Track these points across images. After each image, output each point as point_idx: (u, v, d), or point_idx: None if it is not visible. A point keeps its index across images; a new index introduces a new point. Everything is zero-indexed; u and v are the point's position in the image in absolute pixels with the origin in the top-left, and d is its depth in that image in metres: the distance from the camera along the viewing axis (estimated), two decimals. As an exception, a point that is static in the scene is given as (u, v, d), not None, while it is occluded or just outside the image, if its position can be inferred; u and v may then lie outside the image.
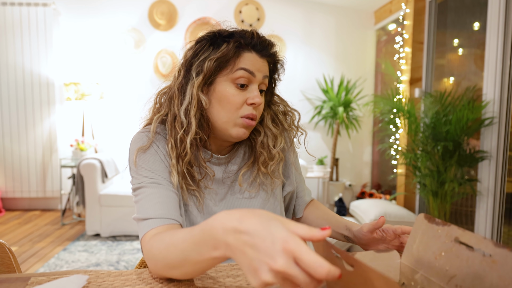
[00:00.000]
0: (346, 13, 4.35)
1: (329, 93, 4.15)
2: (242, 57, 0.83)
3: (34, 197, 4.06)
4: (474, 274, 0.50)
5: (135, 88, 4.11)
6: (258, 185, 0.93)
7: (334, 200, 4.07)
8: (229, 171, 0.93)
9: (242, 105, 0.83)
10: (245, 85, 0.84)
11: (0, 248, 0.85)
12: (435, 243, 0.58)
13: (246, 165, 0.93)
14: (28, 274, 0.68)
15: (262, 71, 0.85)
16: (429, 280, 0.58)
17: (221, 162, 0.93)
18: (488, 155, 2.56)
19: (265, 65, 0.86)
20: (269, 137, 0.92)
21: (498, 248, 0.48)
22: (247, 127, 0.85)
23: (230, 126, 0.84)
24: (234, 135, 0.84)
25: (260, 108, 0.87)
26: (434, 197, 2.75)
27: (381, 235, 0.84)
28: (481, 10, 2.75)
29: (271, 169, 0.92)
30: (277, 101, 0.98)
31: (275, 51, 0.90)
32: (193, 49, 0.86)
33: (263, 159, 0.91)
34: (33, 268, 2.57)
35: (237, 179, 0.92)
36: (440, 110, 2.72)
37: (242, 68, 0.82)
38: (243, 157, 0.96)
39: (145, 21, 4.06)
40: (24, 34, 3.86)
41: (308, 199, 1.07)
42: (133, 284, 0.64)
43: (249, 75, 0.83)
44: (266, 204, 0.94)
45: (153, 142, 0.85)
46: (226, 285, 0.64)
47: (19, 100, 3.92)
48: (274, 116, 0.95)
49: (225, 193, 0.92)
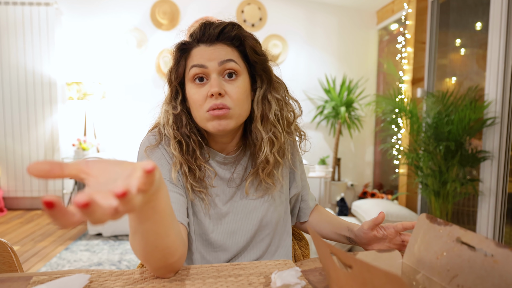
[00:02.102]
0: (348, 13, 4.35)
1: (331, 93, 4.15)
2: (191, 55, 0.85)
3: (36, 196, 4.08)
4: (476, 274, 0.50)
5: (137, 88, 4.12)
6: (264, 189, 0.93)
7: (336, 200, 4.08)
8: (237, 173, 0.93)
9: (206, 99, 0.82)
10: (205, 79, 0.83)
11: (2, 247, 0.85)
12: (437, 243, 0.58)
13: (251, 174, 0.91)
14: (30, 273, 0.68)
15: (214, 58, 0.82)
16: (431, 280, 0.58)
17: (228, 161, 0.92)
18: (490, 155, 2.56)
19: (218, 50, 0.83)
20: (263, 140, 0.88)
21: (499, 248, 0.48)
22: (218, 118, 0.81)
23: (205, 123, 0.83)
24: (211, 130, 0.83)
25: (232, 95, 0.82)
26: (436, 197, 2.75)
27: (382, 233, 0.84)
28: (483, 10, 2.75)
29: (266, 172, 0.90)
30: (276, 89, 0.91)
31: (225, 31, 0.84)
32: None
33: (260, 164, 0.89)
34: (35, 267, 2.57)
35: (244, 183, 0.92)
36: (442, 110, 2.72)
37: (193, 66, 0.83)
38: (249, 160, 0.95)
39: (147, 20, 4.07)
40: (27, 34, 3.88)
41: (313, 204, 1.07)
42: (135, 284, 0.64)
43: (201, 69, 0.82)
44: (272, 206, 0.94)
45: (160, 144, 0.87)
46: (227, 284, 0.64)
47: (21, 100, 3.93)
48: (265, 115, 0.89)
49: (233, 194, 0.92)
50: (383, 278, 0.40)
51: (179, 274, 0.68)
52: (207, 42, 0.84)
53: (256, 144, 0.89)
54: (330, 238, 0.98)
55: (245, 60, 0.88)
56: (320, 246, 0.54)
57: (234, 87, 0.82)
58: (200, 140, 0.88)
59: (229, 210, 0.91)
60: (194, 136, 0.87)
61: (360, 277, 0.44)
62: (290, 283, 0.59)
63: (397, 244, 0.84)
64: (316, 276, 0.69)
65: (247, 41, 0.85)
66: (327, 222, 1.01)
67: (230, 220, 0.90)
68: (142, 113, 4.12)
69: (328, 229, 0.99)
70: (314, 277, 0.68)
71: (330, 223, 1.00)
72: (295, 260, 1.09)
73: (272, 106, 0.88)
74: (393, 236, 0.84)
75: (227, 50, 0.84)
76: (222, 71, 0.82)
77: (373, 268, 0.41)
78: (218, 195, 0.90)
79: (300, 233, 1.17)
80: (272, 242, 0.95)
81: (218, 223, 0.90)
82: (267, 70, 0.89)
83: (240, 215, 0.91)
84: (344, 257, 0.47)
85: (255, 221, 0.92)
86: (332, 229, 0.98)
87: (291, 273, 0.61)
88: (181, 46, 0.87)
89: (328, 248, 0.51)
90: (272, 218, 0.93)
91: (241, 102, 0.83)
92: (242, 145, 0.95)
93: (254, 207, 0.92)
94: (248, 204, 0.92)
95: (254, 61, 0.87)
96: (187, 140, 0.86)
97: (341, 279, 0.50)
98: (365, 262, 0.42)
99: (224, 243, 0.90)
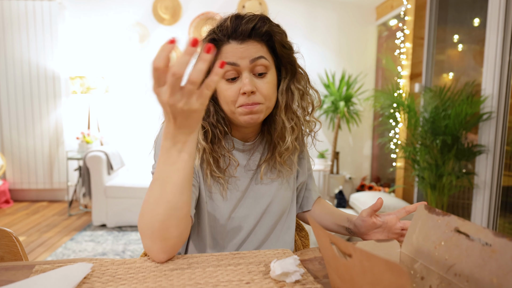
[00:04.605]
0: (348, 9, 4.38)
1: (331, 88, 4.20)
2: (222, 51, 0.84)
3: (42, 188, 4.14)
4: (474, 263, 0.51)
5: (140, 82, 4.16)
6: (278, 172, 0.96)
7: (334, 192, 4.13)
8: (253, 159, 0.96)
9: (238, 96, 0.83)
10: (236, 77, 0.84)
11: (8, 237, 0.86)
12: (435, 233, 0.59)
13: (266, 160, 0.94)
14: (33, 262, 0.69)
15: (246, 56, 0.82)
16: (429, 269, 0.58)
17: (246, 148, 0.95)
18: (486, 149, 2.59)
19: (249, 48, 0.83)
20: (285, 128, 0.91)
21: (497, 237, 0.48)
22: (250, 113, 0.83)
23: (237, 116, 0.85)
24: (243, 123, 0.86)
25: (263, 92, 0.84)
26: (432, 190, 2.79)
27: (382, 221, 0.86)
28: (481, 6, 2.78)
29: (284, 158, 0.94)
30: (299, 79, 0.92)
31: (256, 27, 0.83)
32: None
33: (279, 149, 0.92)
34: (41, 257, 2.63)
35: (259, 170, 0.95)
36: (440, 105, 2.74)
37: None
38: (265, 146, 0.98)
39: (150, 15, 4.10)
40: (30, 28, 3.91)
41: (316, 195, 1.10)
42: (137, 272, 0.64)
43: (233, 67, 0.82)
44: (280, 190, 0.97)
45: None
46: (227, 273, 0.65)
47: (25, 94, 3.98)
48: (288, 104, 0.91)
49: (250, 180, 0.95)
50: (382, 266, 0.41)
51: (179, 263, 0.69)
52: (238, 39, 0.83)
53: (277, 131, 0.92)
54: (330, 229, 1.01)
55: (273, 53, 0.89)
56: (320, 235, 0.54)
57: (264, 83, 0.84)
58: (225, 130, 0.91)
59: (244, 195, 0.94)
60: (221, 126, 0.90)
61: (360, 265, 0.45)
62: (289, 271, 0.60)
63: (396, 233, 0.85)
64: (315, 265, 0.70)
65: (276, 36, 0.86)
66: (328, 213, 1.03)
67: (245, 204, 0.94)
68: (144, 107, 4.16)
69: (329, 220, 1.01)
70: (314, 266, 0.70)
71: (330, 214, 1.02)
72: (295, 250, 1.11)
73: (295, 96, 0.91)
74: (393, 223, 0.85)
75: (257, 47, 0.84)
76: (253, 68, 0.84)
77: (373, 256, 0.42)
78: (236, 182, 0.93)
79: (300, 224, 1.19)
80: (276, 228, 0.98)
81: (234, 209, 0.93)
82: (292, 62, 0.91)
83: (253, 199, 0.94)
84: (344, 246, 0.47)
85: (265, 205, 0.95)
86: (332, 220, 1.00)
87: (290, 261, 0.62)
88: (212, 42, 0.85)
89: (328, 237, 0.51)
90: (280, 203, 0.97)
91: (270, 96, 0.86)
92: (261, 132, 0.98)
93: (265, 191, 0.95)
94: (261, 188, 0.95)
95: (282, 55, 0.89)
96: (213, 129, 0.89)
97: (341, 268, 0.51)
98: (365, 251, 0.43)
99: (239, 227, 0.93)
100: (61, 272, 0.61)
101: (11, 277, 0.64)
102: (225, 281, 0.62)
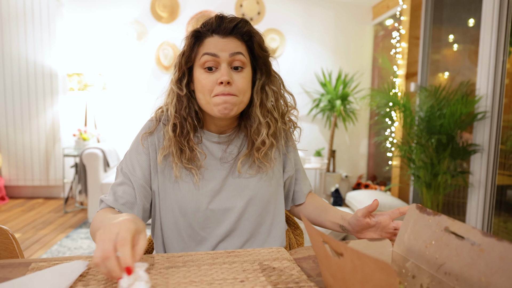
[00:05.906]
0: (345, 8, 4.39)
1: (327, 87, 4.21)
2: (205, 43, 0.91)
3: (38, 185, 4.13)
4: (463, 262, 0.52)
5: (137, 80, 4.16)
6: (257, 167, 0.99)
7: (330, 190, 4.15)
8: (230, 152, 0.99)
9: (214, 86, 0.89)
10: (214, 68, 0.90)
11: (3, 234, 0.87)
12: (426, 232, 0.60)
13: (243, 154, 0.98)
14: (29, 260, 0.70)
15: (226, 49, 0.89)
16: (420, 268, 0.59)
17: (222, 141, 0.99)
18: (480, 148, 2.60)
19: (230, 43, 0.91)
20: (260, 124, 0.96)
21: (486, 237, 0.50)
22: (225, 103, 0.89)
23: (211, 107, 0.90)
24: (217, 113, 0.90)
25: (238, 85, 0.90)
26: (428, 188, 2.81)
27: (375, 221, 0.87)
28: (476, 7, 2.80)
29: (262, 154, 0.97)
30: (273, 82, 0.99)
31: (238, 26, 0.92)
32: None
33: (257, 145, 0.96)
34: (36, 255, 2.62)
35: (237, 163, 0.98)
36: (435, 104, 2.76)
37: (205, 53, 0.90)
38: (243, 141, 1.01)
39: (148, 13, 4.09)
40: (28, 25, 3.90)
41: (308, 188, 1.11)
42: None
43: (213, 57, 0.89)
44: (262, 185, 0.99)
45: (156, 130, 0.98)
46: (222, 271, 0.66)
47: (22, 90, 3.97)
48: (263, 103, 0.97)
49: (227, 173, 0.97)
50: (372, 265, 0.42)
51: (174, 261, 0.69)
52: (221, 34, 0.91)
53: (253, 127, 0.97)
54: (324, 226, 1.02)
55: (250, 53, 0.96)
56: (312, 234, 0.56)
57: (241, 77, 0.91)
58: (195, 124, 0.96)
59: (222, 187, 0.96)
60: (191, 119, 0.95)
61: (351, 264, 0.46)
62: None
63: (388, 232, 0.87)
64: (309, 264, 0.71)
65: (255, 37, 0.94)
66: (322, 210, 1.03)
67: (224, 197, 0.96)
68: (141, 104, 4.16)
69: (323, 217, 1.02)
70: (308, 265, 0.71)
71: (324, 211, 1.02)
72: (290, 248, 1.12)
73: (269, 96, 0.98)
74: (386, 223, 0.87)
75: (238, 44, 0.92)
76: (231, 62, 0.90)
77: (363, 255, 0.43)
78: (210, 173, 0.96)
79: (295, 222, 1.20)
80: (265, 222, 0.99)
81: (212, 200, 0.95)
82: (267, 64, 0.98)
83: (233, 192, 0.97)
84: (336, 245, 0.48)
85: (246, 197, 0.97)
86: (326, 217, 1.00)
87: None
88: (196, 34, 0.93)
89: (321, 237, 0.52)
90: (263, 196, 0.98)
91: (245, 91, 0.93)
92: (237, 126, 1.02)
93: (246, 185, 0.97)
94: (241, 182, 0.97)
95: (259, 55, 0.96)
96: (182, 122, 0.94)
97: (333, 266, 0.52)
98: (356, 250, 0.44)
99: (219, 220, 0.96)
100: (57, 270, 0.62)
101: (7, 275, 0.64)
102: (220, 279, 0.62)
